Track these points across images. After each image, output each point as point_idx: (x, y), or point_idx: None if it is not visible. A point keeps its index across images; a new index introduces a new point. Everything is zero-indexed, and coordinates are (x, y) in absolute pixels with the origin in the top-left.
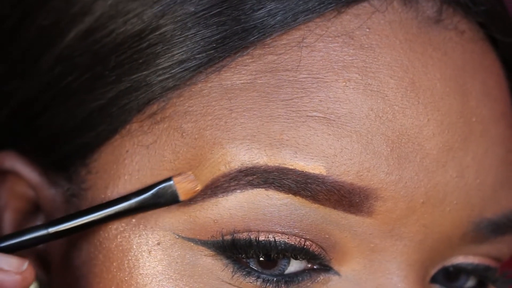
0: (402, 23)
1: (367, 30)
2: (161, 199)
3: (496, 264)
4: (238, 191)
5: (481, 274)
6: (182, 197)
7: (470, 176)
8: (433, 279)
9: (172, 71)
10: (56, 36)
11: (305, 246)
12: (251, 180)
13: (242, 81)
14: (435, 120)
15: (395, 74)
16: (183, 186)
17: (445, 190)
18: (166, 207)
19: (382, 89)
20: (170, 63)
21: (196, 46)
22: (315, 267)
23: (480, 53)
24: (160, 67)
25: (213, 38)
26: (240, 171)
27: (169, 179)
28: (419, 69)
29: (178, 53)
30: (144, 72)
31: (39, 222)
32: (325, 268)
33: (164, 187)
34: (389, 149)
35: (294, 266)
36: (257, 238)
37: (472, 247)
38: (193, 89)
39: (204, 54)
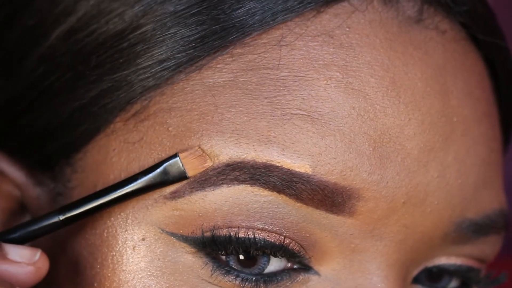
0: (382, 22)
1: (347, 29)
2: (169, 176)
3: (479, 265)
4: (225, 186)
5: (464, 275)
6: (190, 172)
7: (451, 176)
8: (416, 280)
9: (152, 71)
10: (39, 36)
11: (284, 244)
12: (238, 175)
13: (224, 79)
14: (416, 119)
15: (376, 73)
16: (190, 162)
17: (426, 190)
18: (155, 200)
19: (363, 88)
20: (150, 63)
21: (176, 46)
22: (295, 266)
23: (461, 53)
24: (140, 66)
25: (192, 38)
26: (228, 165)
27: (174, 155)
28: (399, 68)
29: (158, 53)
30: (124, 72)
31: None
32: (305, 267)
33: (171, 164)
34: (371, 149)
35: (274, 265)
36: (236, 235)
37: (454, 247)
38: (175, 88)
39: (183, 54)
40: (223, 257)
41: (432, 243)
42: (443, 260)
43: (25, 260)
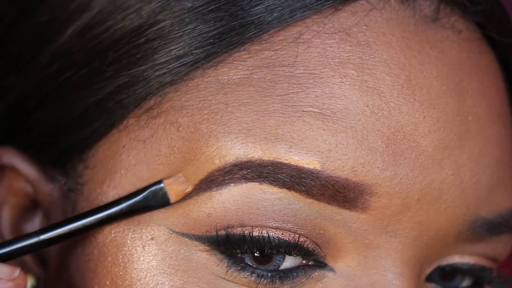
0: (399, 21)
1: (364, 27)
2: (152, 202)
3: (492, 264)
4: (232, 185)
5: (476, 274)
6: (173, 199)
7: (466, 175)
8: (429, 278)
9: (170, 66)
10: (53, 32)
11: (299, 242)
12: (246, 174)
13: (238, 76)
14: (431, 117)
15: (392, 71)
16: (173, 188)
17: (440, 188)
18: None
19: (378, 86)
20: (167, 58)
21: (194, 42)
22: (310, 263)
23: (477, 53)
24: (157, 62)
25: (210, 34)
26: (235, 165)
27: (159, 182)
28: (415, 67)
29: (175, 48)
30: (141, 67)
31: (37, 218)
32: (320, 264)
33: (155, 190)
34: (384, 145)
35: (289, 262)
36: (250, 234)
37: (467, 246)
38: (189, 84)
39: (201, 50)
40: (239, 254)
41: (446, 240)
42: (457, 259)
43: (5, 277)
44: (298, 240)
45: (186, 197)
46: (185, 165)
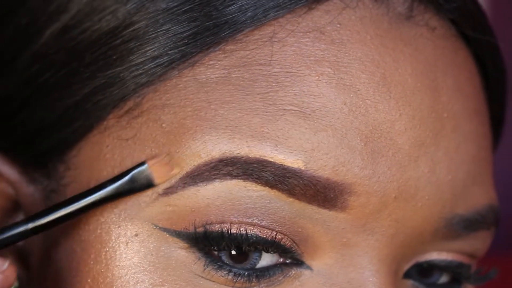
0: (373, 19)
1: (338, 25)
2: (136, 184)
3: (469, 260)
4: (218, 181)
5: (454, 271)
6: (157, 180)
7: (441, 172)
8: (407, 275)
9: (145, 67)
10: (33, 34)
11: (276, 239)
12: (231, 170)
13: (216, 75)
14: (406, 115)
15: (367, 69)
16: (157, 169)
17: (417, 185)
18: (148, 197)
19: (354, 84)
20: (143, 59)
21: (168, 42)
22: (287, 261)
23: (452, 50)
24: (133, 63)
25: (184, 34)
26: (220, 160)
27: (142, 163)
28: (390, 64)
29: (150, 49)
30: (117, 68)
31: (19, 219)
32: (297, 262)
33: (139, 172)
34: (363, 144)
35: (266, 260)
36: (229, 230)
37: (444, 243)
38: (168, 84)
39: (176, 50)
40: (216, 252)
41: (422, 238)
42: (434, 256)
43: None
44: (276, 238)
45: (173, 191)
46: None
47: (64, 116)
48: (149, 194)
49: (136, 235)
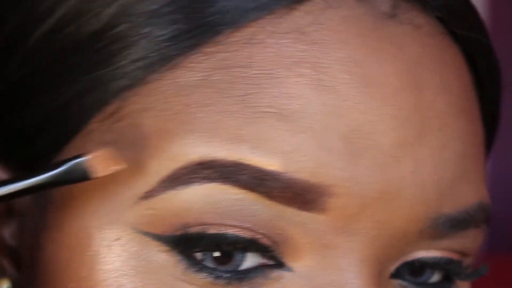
0: (356, 19)
1: (320, 26)
2: (73, 175)
3: (459, 257)
4: (196, 184)
5: (444, 267)
6: (97, 173)
7: (426, 172)
8: (396, 275)
9: (126, 70)
10: (22, 37)
11: (255, 238)
12: (209, 174)
13: (196, 78)
14: (388, 115)
15: (348, 69)
16: (99, 163)
17: (400, 186)
18: (129, 200)
19: (334, 85)
20: (124, 62)
21: (149, 45)
22: (269, 263)
23: (439, 48)
24: (115, 66)
25: (165, 37)
26: (199, 163)
27: (81, 155)
28: (372, 64)
29: (131, 52)
30: (100, 71)
31: (14, 223)
32: (279, 264)
33: (77, 163)
34: (342, 145)
35: (250, 261)
36: (207, 231)
37: (431, 243)
38: (149, 87)
39: (156, 53)
40: (199, 255)
41: (407, 239)
42: (422, 254)
43: None
44: (255, 237)
45: (152, 195)
46: (150, 161)
47: (48, 120)
48: (130, 197)
49: (118, 239)
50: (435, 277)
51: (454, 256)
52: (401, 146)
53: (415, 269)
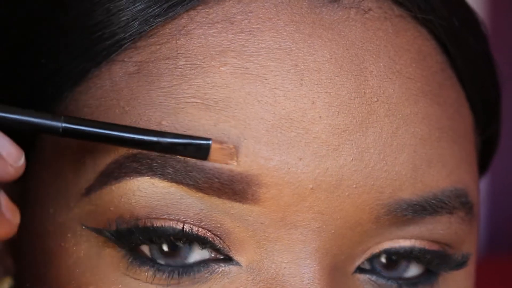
0: (290, 5)
1: (249, 14)
2: (190, 153)
3: (439, 247)
4: (127, 178)
5: (417, 258)
6: (211, 159)
7: (371, 159)
8: (365, 270)
9: (66, 69)
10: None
11: (185, 230)
12: (137, 167)
13: (128, 73)
14: (322, 102)
15: (277, 57)
16: (217, 152)
17: (339, 174)
18: (74, 198)
19: (261, 73)
20: (67, 61)
21: (87, 41)
22: (218, 257)
23: (390, 32)
24: (58, 65)
25: (97, 34)
26: (126, 157)
27: (209, 139)
28: (304, 51)
29: (70, 51)
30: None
31: None
32: (226, 258)
33: (200, 145)
34: (270, 134)
35: (197, 255)
36: (139, 225)
37: (395, 230)
38: (88, 85)
39: (92, 52)
40: (146, 249)
41: (362, 227)
42: (389, 244)
43: (10, 160)
44: (197, 231)
45: (92, 191)
46: (86, 158)
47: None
48: (74, 194)
49: (70, 236)
50: (413, 271)
51: (427, 245)
52: (338, 134)
53: (389, 262)
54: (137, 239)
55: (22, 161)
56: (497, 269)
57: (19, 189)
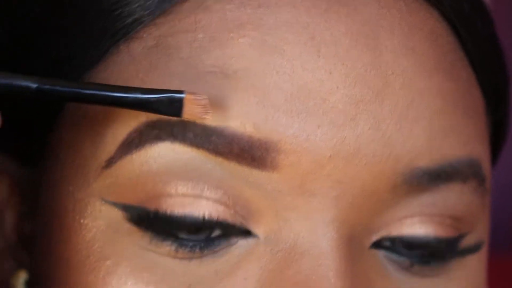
0: None
1: None
2: (164, 107)
3: (451, 231)
4: (148, 145)
5: (433, 247)
6: (185, 114)
7: (388, 128)
8: (384, 246)
9: (85, 49)
10: None
11: (214, 219)
12: (158, 133)
13: (147, 47)
14: (339, 72)
15: (294, 30)
16: (191, 106)
17: (356, 143)
18: (94, 171)
19: (279, 45)
20: (86, 41)
21: (103, 24)
22: (236, 231)
23: (404, 11)
24: (76, 46)
25: (116, 13)
26: (147, 125)
27: (181, 91)
28: (321, 25)
29: (89, 32)
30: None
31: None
32: (245, 231)
33: (173, 97)
34: (287, 103)
35: (219, 231)
36: (163, 213)
37: (410, 200)
38: (108, 62)
39: (111, 31)
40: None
41: (379, 197)
42: (405, 229)
43: None
44: (217, 218)
45: (112, 162)
46: (105, 131)
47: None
48: (94, 168)
49: (90, 212)
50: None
51: (443, 234)
52: (355, 104)
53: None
54: (158, 227)
55: None
56: (497, 269)
57: (37, 174)
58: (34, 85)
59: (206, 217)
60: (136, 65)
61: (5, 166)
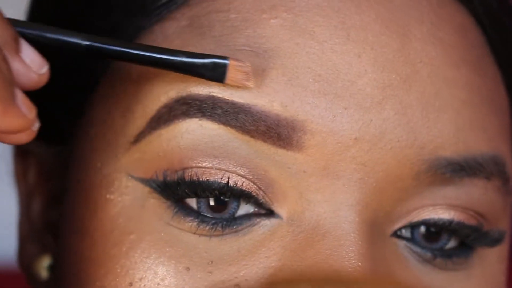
0: None
1: None
2: (207, 71)
3: (474, 221)
4: (176, 121)
5: (457, 232)
6: (228, 80)
7: (414, 115)
8: (404, 237)
9: (120, 28)
10: None
11: (230, 184)
12: (187, 109)
13: (180, 27)
14: (367, 56)
15: (325, 13)
16: (234, 72)
17: (382, 127)
18: (122, 147)
19: (310, 27)
20: (121, 19)
21: (139, 4)
22: (260, 212)
23: (433, 2)
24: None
25: None
26: (177, 100)
27: (225, 57)
28: (351, 10)
29: (125, 10)
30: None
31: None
32: (267, 212)
33: (217, 63)
34: (316, 83)
35: (244, 210)
36: (189, 178)
37: (433, 190)
38: (142, 41)
39: (147, 10)
40: (194, 203)
41: (402, 183)
42: (427, 214)
43: (33, 67)
44: (241, 186)
45: (141, 138)
46: (136, 105)
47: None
48: (123, 144)
49: (116, 186)
50: (452, 243)
51: (467, 220)
52: (382, 89)
53: (429, 234)
54: (183, 191)
55: (45, 69)
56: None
57: (65, 152)
58: (84, 42)
59: (231, 183)
60: (169, 44)
61: (33, 147)
